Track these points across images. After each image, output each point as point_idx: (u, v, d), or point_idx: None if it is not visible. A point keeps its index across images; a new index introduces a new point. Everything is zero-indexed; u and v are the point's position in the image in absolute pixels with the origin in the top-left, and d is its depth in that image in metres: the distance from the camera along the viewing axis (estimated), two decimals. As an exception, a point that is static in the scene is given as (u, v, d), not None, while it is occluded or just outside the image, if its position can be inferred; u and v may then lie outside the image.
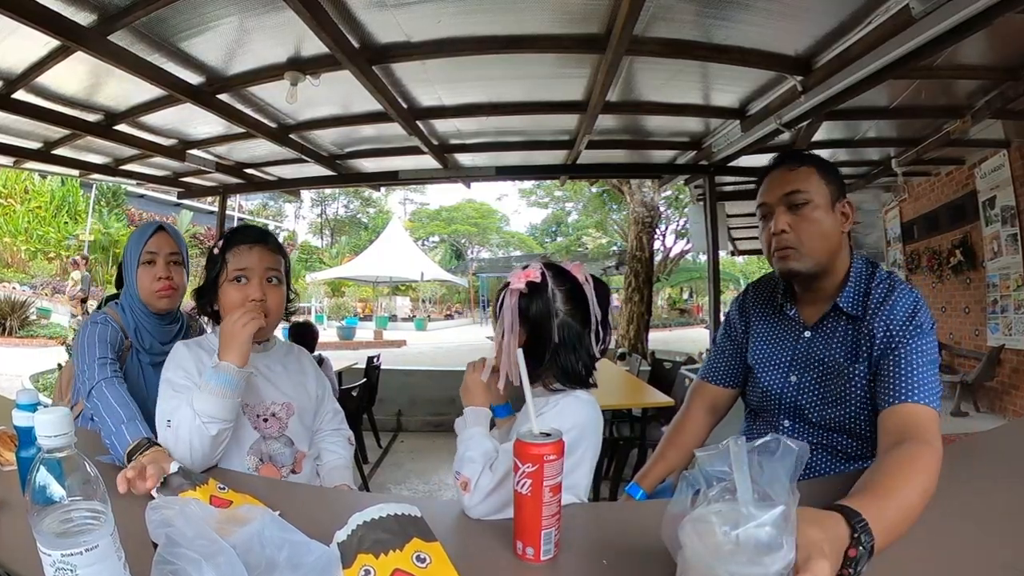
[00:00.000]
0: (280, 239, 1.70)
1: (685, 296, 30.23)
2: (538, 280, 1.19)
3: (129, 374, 1.62)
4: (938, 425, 1.13)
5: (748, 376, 1.57)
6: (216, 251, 1.47)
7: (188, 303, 1.73)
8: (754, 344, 1.53)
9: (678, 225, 19.59)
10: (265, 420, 1.48)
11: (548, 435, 0.89)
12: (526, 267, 1.22)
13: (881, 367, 1.23)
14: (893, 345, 1.23)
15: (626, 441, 3.94)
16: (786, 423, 1.41)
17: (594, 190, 17.64)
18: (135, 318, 1.70)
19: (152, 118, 3.91)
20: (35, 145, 4.44)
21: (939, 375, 1.22)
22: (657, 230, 8.96)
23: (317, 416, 1.65)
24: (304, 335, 4.18)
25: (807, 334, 1.40)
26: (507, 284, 1.22)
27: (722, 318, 1.77)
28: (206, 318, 1.56)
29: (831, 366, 1.33)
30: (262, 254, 1.46)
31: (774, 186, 1.38)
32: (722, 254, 5.39)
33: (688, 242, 17.76)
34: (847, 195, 1.38)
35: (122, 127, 3.99)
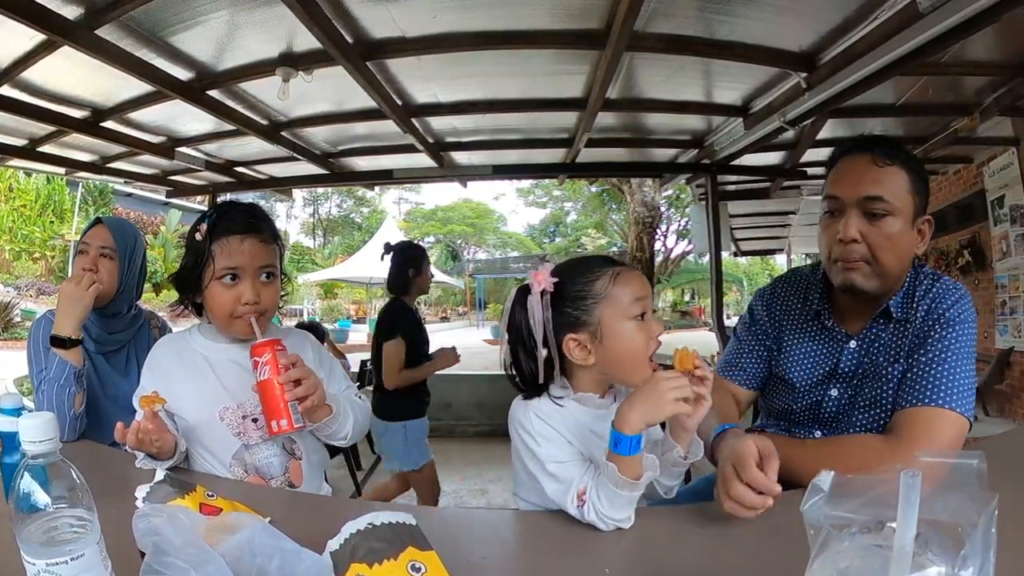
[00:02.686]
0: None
1: (687, 298, 30.25)
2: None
3: None
4: (954, 432, 1.09)
5: (773, 383, 1.45)
6: (198, 236, 1.27)
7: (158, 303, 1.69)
8: (789, 356, 1.38)
9: (679, 225, 19.59)
10: (255, 420, 1.30)
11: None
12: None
13: (910, 365, 1.17)
14: (922, 339, 1.17)
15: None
16: (818, 433, 1.33)
17: (593, 190, 17.65)
18: None
19: (140, 115, 3.85)
20: (20, 142, 4.36)
21: (971, 372, 1.13)
22: (658, 230, 8.89)
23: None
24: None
25: (852, 344, 1.27)
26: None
27: (726, 319, 1.66)
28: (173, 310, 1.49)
29: (871, 371, 1.24)
30: (254, 249, 1.27)
31: (853, 179, 1.18)
32: (724, 255, 5.34)
33: (689, 242, 17.75)
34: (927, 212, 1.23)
35: (109, 124, 3.93)
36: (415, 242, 3.83)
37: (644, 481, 0.96)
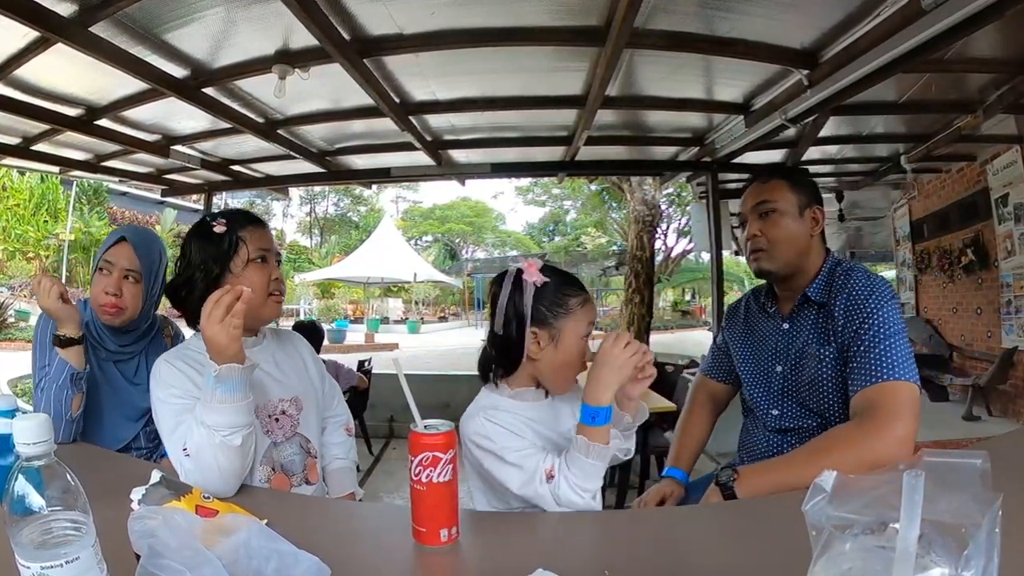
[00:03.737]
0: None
1: (687, 297, 30.25)
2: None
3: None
4: (908, 397, 1.26)
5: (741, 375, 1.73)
6: (219, 229, 1.31)
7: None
8: (743, 343, 1.70)
9: (680, 224, 19.54)
10: (276, 420, 1.38)
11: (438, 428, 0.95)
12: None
13: (850, 352, 1.36)
14: (855, 326, 1.37)
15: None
16: (775, 412, 1.55)
17: (593, 188, 17.61)
18: (93, 319, 1.66)
19: (135, 113, 3.82)
20: (13, 141, 4.34)
21: (907, 344, 1.32)
22: (658, 229, 8.83)
23: (327, 407, 1.58)
24: (310, 336, 4.05)
25: (785, 326, 1.57)
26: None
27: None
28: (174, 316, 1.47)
29: (806, 351, 1.48)
30: (271, 236, 1.40)
31: (748, 199, 1.59)
32: (725, 254, 5.32)
33: (690, 241, 17.70)
34: (821, 203, 1.57)
35: (104, 122, 3.90)
36: None
37: (612, 448, 1.14)
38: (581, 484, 1.09)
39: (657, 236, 9.46)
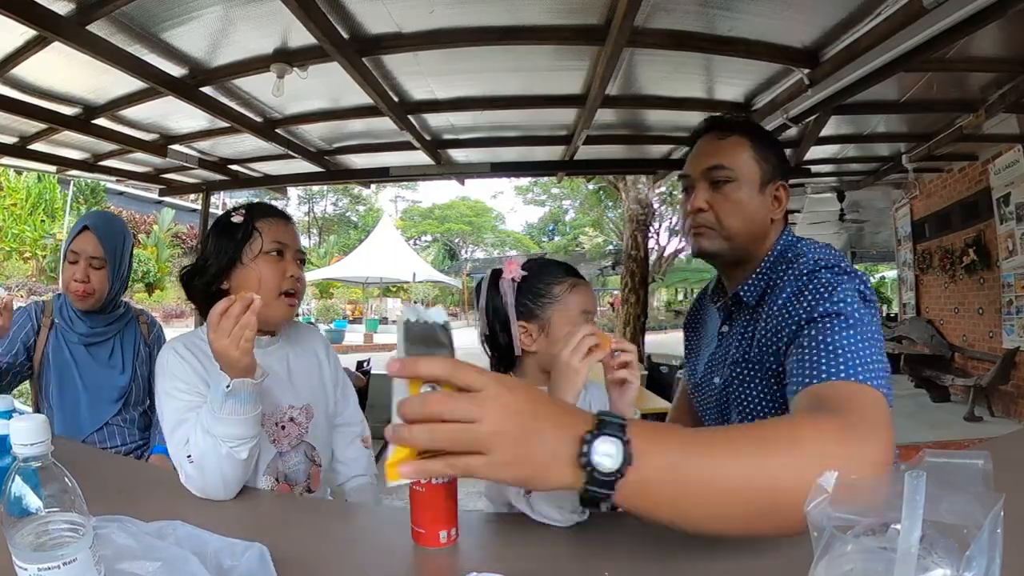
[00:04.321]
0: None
1: (680, 297, 30.20)
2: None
3: (55, 352, 1.77)
4: (884, 409, 0.84)
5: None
6: (237, 219, 1.29)
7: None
8: (694, 345, 1.46)
9: (671, 222, 19.48)
10: (283, 427, 1.32)
11: None
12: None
13: (791, 353, 1.00)
14: (797, 316, 1.02)
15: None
16: None
17: (590, 187, 17.55)
18: (67, 306, 1.81)
19: (132, 112, 3.82)
20: (10, 140, 4.33)
21: (877, 345, 0.94)
22: (651, 228, 8.78)
23: (339, 413, 1.51)
24: None
25: (725, 328, 1.29)
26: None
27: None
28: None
29: (741, 363, 1.19)
30: (294, 232, 1.34)
31: (699, 156, 1.25)
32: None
33: (682, 240, 17.59)
34: (787, 179, 1.27)
35: (101, 121, 3.89)
36: None
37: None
38: (542, 510, 0.98)
39: (650, 235, 9.43)
